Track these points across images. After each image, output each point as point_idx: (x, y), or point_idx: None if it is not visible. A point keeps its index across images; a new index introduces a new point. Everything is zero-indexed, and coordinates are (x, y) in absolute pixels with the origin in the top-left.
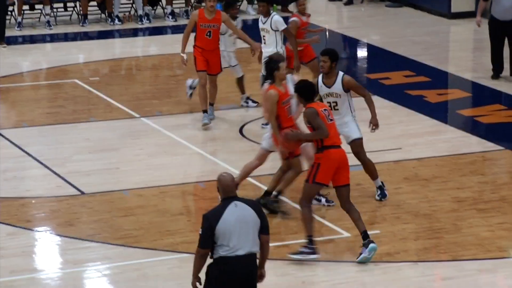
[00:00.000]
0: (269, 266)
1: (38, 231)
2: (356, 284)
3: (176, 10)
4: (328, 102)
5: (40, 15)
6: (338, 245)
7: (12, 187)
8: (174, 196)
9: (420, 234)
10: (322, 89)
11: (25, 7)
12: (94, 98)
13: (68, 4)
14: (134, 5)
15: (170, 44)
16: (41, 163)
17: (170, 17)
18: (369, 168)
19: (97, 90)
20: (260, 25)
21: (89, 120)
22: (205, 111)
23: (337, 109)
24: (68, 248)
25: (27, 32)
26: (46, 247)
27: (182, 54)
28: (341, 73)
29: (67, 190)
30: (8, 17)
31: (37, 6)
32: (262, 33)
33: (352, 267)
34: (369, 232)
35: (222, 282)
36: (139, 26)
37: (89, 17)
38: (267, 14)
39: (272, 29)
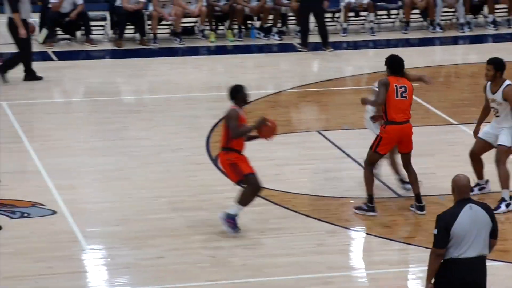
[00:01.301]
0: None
1: (356, 231)
2: None
3: (498, 19)
4: (492, 107)
5: (364, 22)
6: None
7: (332, 187)
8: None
9: None
10: (488, 94)
11: (351, 13)
12: (413, 104)
13: (392, 12)
14: (456, 13)
15: (490, 52)
16: (360, 164)
17: (492, 25)
18: (503, 176)
19: (416, 96)
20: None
21: None
22: None
23: (498, 116)
24: (383, 249)
25: (351, 38)
26: (363, 247)
27: None
28: (507, 82)
29: (385, 192)
30: (334, 23)
31: (362, 13)
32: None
33: None
34: None
35: (452, 284)
36: (460, 34)
37: (411, 24)
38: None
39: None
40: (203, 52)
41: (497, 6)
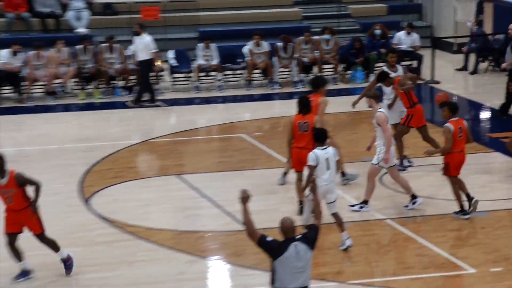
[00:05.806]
0: None
1: (212, 260)
2: None
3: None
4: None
5: (214, 81)
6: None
7: (190, 223)
8: None
9: None
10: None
11: (202, 73)
12: (257, 150)
13: (237, 72)
14: (291, 72)
15: None
16: (214, 203)
17: None
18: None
19: (260, 143)
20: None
21: (254, 168)
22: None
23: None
24: (236, 275)
25: (203, 94)
26: (219, 273)
27: None
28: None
29: (235, 226)
30: (187, 82)
31: (211, 73)
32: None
33: None
34: None
35: None
36: (294, 90)
37: (254, 82)
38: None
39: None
40: (74, 108)
41: (324, 66)
